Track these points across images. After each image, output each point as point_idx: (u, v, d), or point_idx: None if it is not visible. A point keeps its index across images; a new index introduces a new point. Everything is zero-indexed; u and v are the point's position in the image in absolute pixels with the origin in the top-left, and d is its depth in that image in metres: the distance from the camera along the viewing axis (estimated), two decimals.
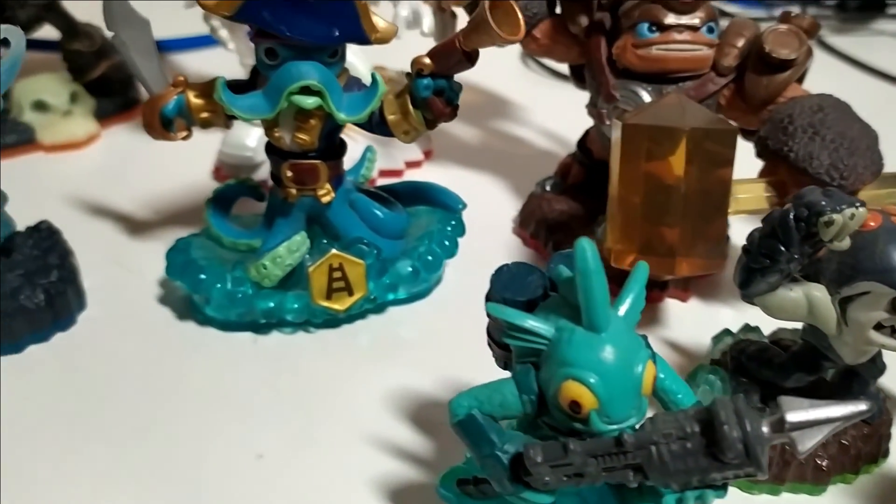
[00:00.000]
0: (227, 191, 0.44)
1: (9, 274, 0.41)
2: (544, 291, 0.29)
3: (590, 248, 0.26)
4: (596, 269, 0.26)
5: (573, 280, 0.27)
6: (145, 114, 0.41)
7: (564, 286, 0.28)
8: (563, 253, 0.30)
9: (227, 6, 0.36)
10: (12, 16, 0.54)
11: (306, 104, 0.37)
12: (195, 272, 0.41)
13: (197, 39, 0.71)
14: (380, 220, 0.43)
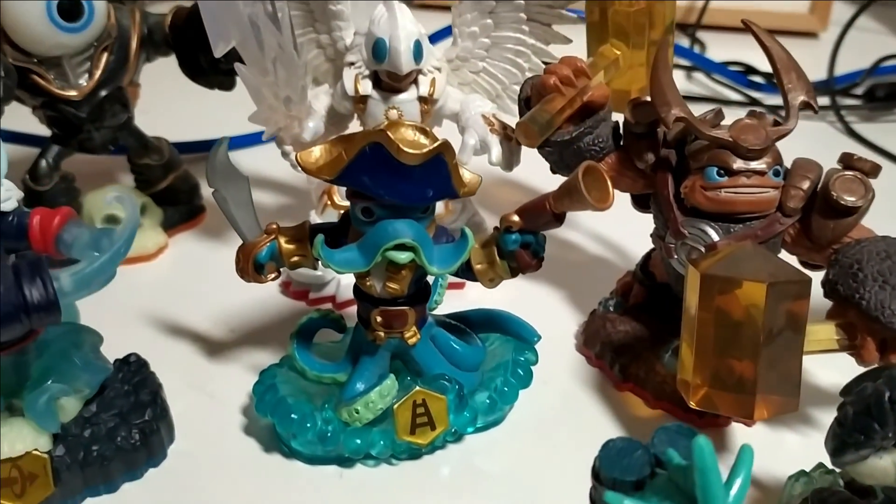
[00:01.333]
0: (311, 324, 0.46)
1: (104, 414, 0.43)
2: (650, 467, 0.31)
3: (707, 448, 0.27)
4: (713, 468, 0.27)
5: (686, 469, 0.28)
6: (240, 260, 0.43)
7: (677, 473, 0.30)
8: (667, 429, 0.32)
9: (329, 171, 0.38)
10: (88, 138, 0.56)
11: (400, 259, 0.39)
12: (285, 411, 0.43)
13: (245, 138, 0.73)
14: (458, 354, 0.45)
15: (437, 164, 0.38)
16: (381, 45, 0.49)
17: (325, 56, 0.55)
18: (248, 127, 0.74)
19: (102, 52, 0.54)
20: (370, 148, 0.37)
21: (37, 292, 0.34)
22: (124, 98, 0.56)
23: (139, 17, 0.56)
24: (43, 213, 0.37)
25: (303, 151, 0.39)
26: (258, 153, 0.73)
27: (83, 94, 0.54)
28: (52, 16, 0.50)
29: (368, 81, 0.51)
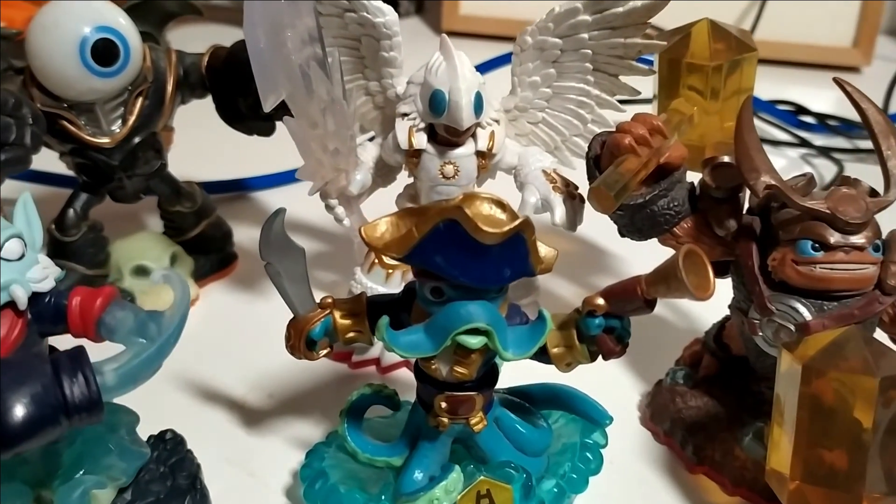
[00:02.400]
0: (362, 401, 0.42)
1: (139, 503, 0.39)
2: None
3: None
4: None
5: None
6: (291, 336, 0.39)
7: None
8: None
9: (398, 248, 0.35)
10: (120, 187, 0.52)
11: (472, 345, 0.35)
12: (338, 500, 0.39)
13: (279, 176, 0.70)
14: (524, 438, 0.41)
15: (517, 243, 0.34)
16: (440, 98, 0.45)
17: (374, 104, 0.51)
18: (277, 165, 0.71)
19: (137, 97, 0.51)
20: (444, 225, 0.34)
21: (78, 390, 0.30)
22: (158, 144, 0.53)
23: (175, 59, 0.53)
24: (84, 293, 0.34)
25: (367, 225, 0.35)
26: (289, 192, 0.70)
27: (116, 142, 0.50)
28: (86, 59, 0.47)
29: (423, 135, 0.47)
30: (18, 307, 0.32)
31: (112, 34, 0.48)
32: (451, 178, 0.48)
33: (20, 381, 0.29)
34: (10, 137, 0.45)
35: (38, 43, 0.47)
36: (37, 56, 0.48)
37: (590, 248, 0.65)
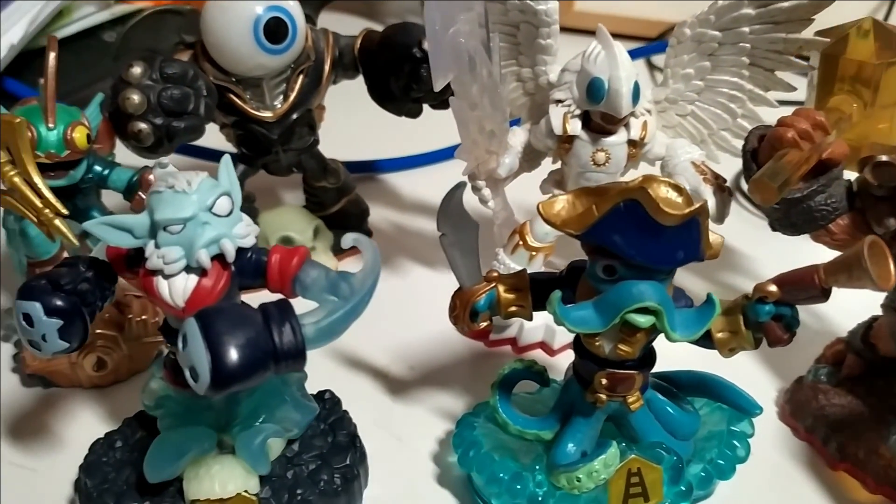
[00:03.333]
0: (513, 375, 0.43)
1: (305, 455, 0.41)
2: None
3: None
4: None
5: None
6: (455, 306, 0.41)
7: None
8: None
9: (576, 225, 0.36)
10: (275, 160, 0.55)
11: (641, 323, 0.36)
12: (493, 469, 0.41)
13: (410, 159, 0.72)
14: (675, 421, 0.42)
15: (692, 226, 0.35)
16: (599, 86, 0.46)
17: (524, 90, 0.53)
18: (407, 149, 0.73)
19: (299, 75, 0.53)
20: (625, 205, 0.35)
21: (287, 338, 0.32)
22: (312, 121, 0.55)
23: (332, 40, 0.55)
24: (282, 252, 0.36)
25: (544, 202, 0.37)
26: (418, 175, 0.72)
27: (277, 116, 0.53)
28: (258, 37, 0.50)
29: (578, 121, 0.48)
30: (227, 260, 0.34)
31: (282, 13, 0.50)
32: (602, 165, 0.49)
33: (236, 327, 0.31)
34: (188, 107, 0.48)
35: (213, 20, 0.50)
36: (211, 32, 0.50)
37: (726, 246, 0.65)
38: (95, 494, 0.39)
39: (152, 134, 0.47)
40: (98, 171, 0.46)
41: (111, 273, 0.37)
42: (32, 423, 0.47)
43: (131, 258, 0.36)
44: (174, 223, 0.33)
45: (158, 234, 0.34)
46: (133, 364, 0.50)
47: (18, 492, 0.43)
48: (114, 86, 0.48)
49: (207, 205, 0.34)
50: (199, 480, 0.38)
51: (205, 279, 0.34)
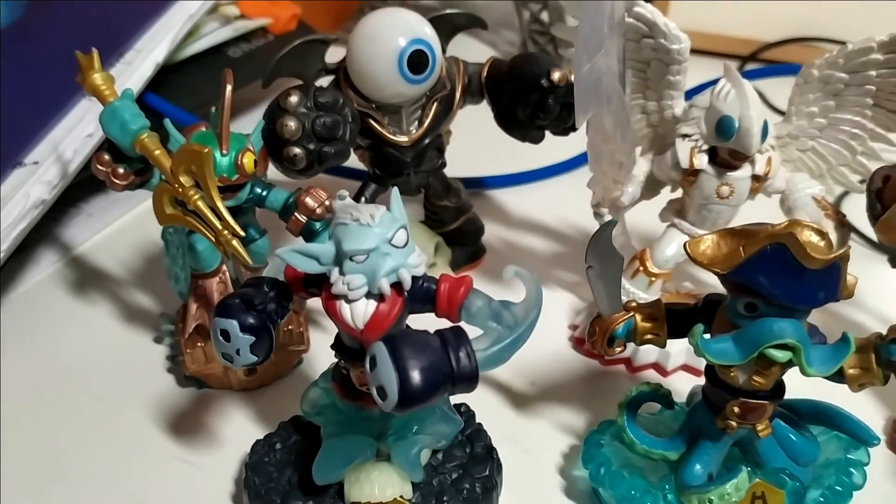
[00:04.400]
0: (640, 397, 0.46)
1: (448, 465, 0.45)
2: None
3: None
4: None
5: None
6: (595, 332, 0.44)
7: None
8: None
9: (723, 264, 0.38)
10: (406, 181, 0.58)
11: (779, 359, 0.39)
12: (625, 486, 0.44)
13: (516, 176, 0.75)
14: (796, 448, 0.44)
15: (833, 270, 0.38)
16: (729, 123, 0.49)
17: (648, 122, 0.55)
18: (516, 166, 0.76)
19: (433, 103, 0.56)
20: (772, 248, 0.37)
21: (463, 363, 0.35)
22: (442, 144, 0.59)
23: (462, 68, 0.58)
24: (450, 281, 0.39)
25: (691, 241, 0.39)
26: (523, 192, 0.74)
27: (412, 141, 0.56)
28: (402, 67, 0.53)
29: (705, 156, 0.51)
30: (403, 287, 0.38)
31: (424, 45, 0.53)
32: (726, 198, 0.51)
33: (420, 352, 0.35)
34: (338, 133, 0.52)
35: (359, 50, 0.54)
36: (357, 61, 0.54)
37: None
38: (263, 492, 0.43)
39: (305, 158, 0.51)
40: (258, 193, 0.50)
41: (289, 292, 0.41)
42: (190, 421, 0.51)
43: (308, 280, 0.40)
44: (360, 254, 0.37)
45: (344, 262, 0.37)
46: (277, 370, 0.54)
47: (182, 485, 0.48)
48: (270, 112, 0.52)
49: (388, 237, 0.37)
50: (360, 485, 0.42)
51: (382, 305, 0.38)
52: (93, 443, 0.50)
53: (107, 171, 0.47)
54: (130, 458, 0.49)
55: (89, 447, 0.50)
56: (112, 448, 0.50)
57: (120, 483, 0.47)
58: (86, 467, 0.48)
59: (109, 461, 0.49)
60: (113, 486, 0.47)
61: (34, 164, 0.55)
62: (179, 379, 0.54)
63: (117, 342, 0.57)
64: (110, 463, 0.49)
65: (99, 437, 0.50)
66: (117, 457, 0.49)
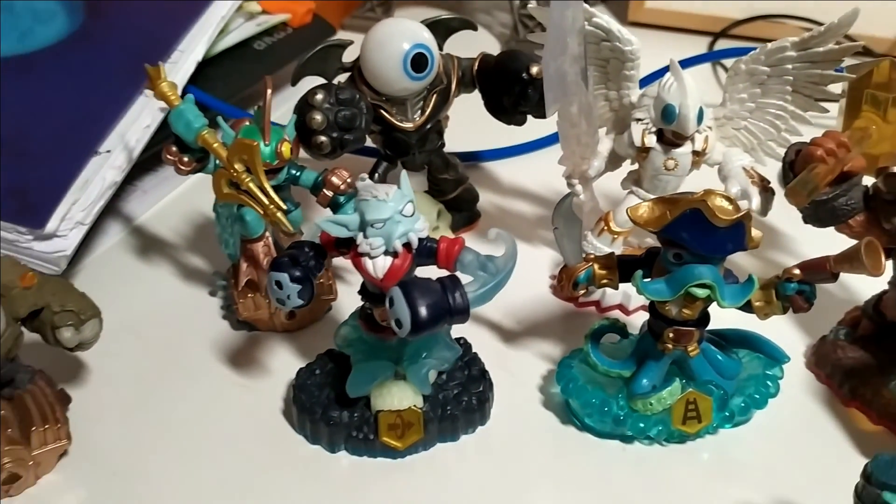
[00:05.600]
0: (602, 329, 0.58)
1: (451, 383, 0.57)
2: None
3: None
4: None
5: None
6: (562, 279, 0.56)
7: None
8: None
9: (654, 225, 0.50)
10: (411, 160, 0.70)
11: (699, 294, 0.51)
12: (587, 396, 0.56)
13: (512, 149, 0.86)
14: (722, 365, 0.57)
15: (739, 227, 0.49)
16: (671, 110, 0.60)
17: (610, 108, 0.67)
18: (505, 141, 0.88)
19: (433, 95, 0.68)
20: (690, 211, 0.49)
21: (458, 301, 0.48)
22: (441, 128, 0.70)
23: (456, 63, 0.70)
24: (447, 241, 0.51)
25: (632, 207, 0.51)
26: (515, 164, 0.86)
27: (416, 126, 0.68)
28: (406, 68, 0.64)
29: (653, 136, 0.63)
30: (412, 247, 0.50)
31: (424, 49, 0.65)
32: (672, 170, 0.63)
33: (425, 293, 0.47)
34: (356, 123, 0.63)
35: (371, 53, 0.65)
36: (369, 61, 0.65)
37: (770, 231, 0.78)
38: (308, 405, 0.56)
39: (329, 144, 0.63)
40: (293, 174, 0.62)
41: (324, 252, 0.53)
42: (243, 356, 0.64)
43: (338, 242, 0.52)
44: (378, 222, 0.49)
45: (367, 229, 0.49)
46: (312, 315, 0.66)
47: (241, 404, 0.60)
48: (300, 107, 0.63)
49: (399, 209, 0.49)
50: (383, 397, 0.54)
51: (397, 260, 0.50)
52: (167, 375, 0.62)
53: (174, 160, 0.59)
54: (198, 385, 0.62)
55: (165, 379, 0.62)
56: (183, 379, 0.62)
57: (192, 404, 0.60)
58: (163, 394, 0.61)
59: (181, 389, 0.61)
60: (186, 408, 0.60)
61: (107, 153, 0.67)
62: (233, 324, 0.66)
63: (178, 296, 0.69)
64: (182, 390, 0.61)
65: (171, 371, 0.63)
66: (187, 385, 0.62)
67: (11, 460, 0.51)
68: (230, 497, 0.54)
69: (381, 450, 0.55)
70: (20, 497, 0.53)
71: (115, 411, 0.59)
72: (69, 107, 0.69)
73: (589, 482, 0.55)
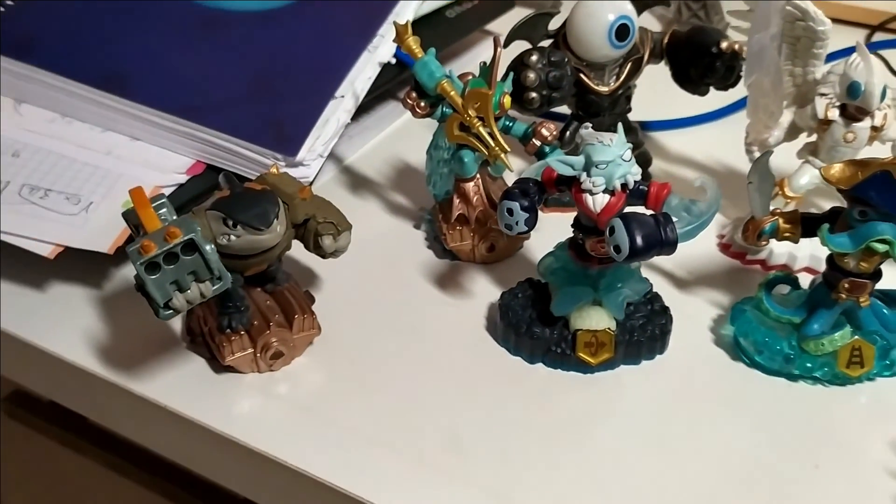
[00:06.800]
0: (775, 279, 0.66)
1: (637, 314, 0.65)
2: None
3: None
4: None
5: None
6: (748, 229, 0.63)
7: None
8: None
9: (846, 183, 0.57)
10: (600, 122, 0.78)
11: (879, 249, 0.57)
12: (760, 335, 0.64)
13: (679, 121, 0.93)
14: (886, 318, 0.63)
15: None
16: (857, 87, 0.66)
17: (794, 83, 0.73)
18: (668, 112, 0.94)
19: (628, 63, 0.76)
20: (881, 173, 0.56)
21: (669, 234, 0.56)
22: (630, 94, 0.78)
23: (649, 36, 0.77)
24: (657, 185, 0.59)
25: (825, 167, 0.58)
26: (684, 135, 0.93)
27: (610, 91, 0.76)
28: (611, 36, 0.72)
29: (836, 110, 0.69)
30: (628, 187, 0.58)
31: (627, 20, 0.73)
32: (850, 142, 0.69)
33: (642, 226, 0.55)
34: (562, 83, 0.72)
35: (580, 22, 0.73)
36: (577, 28, 0.73)
37: None
38: (514, 321, 0.65)
39: (539, 100, 0.72)
40: (507, 124, 0.71)
41: (544, 188, 0.62)
42: (449, 280, 0.74)
43: (559, 180, 0.61)
44: (602, 164, 0.57)
45: (591, 169, 0.58)
46: (507, 251, 0.75)
47: (449, 320, 0.70)
48: (515, 65, 0.72)
49: (620, 154, 0.58)
50: (582, 318, 0.63)
51: (613, 198, 0.58)
52: (386, 289, 0.72)
53: (412, 104, 0.69)
54: (412, 299, 0.72)
55: (385, 291, 0.72)
56: (399, 292, 0.72)
57: (409, 313, 0.70)
58: (384, 304, 0.71)
59: (399, 299, 0.71)
60: (405, 315, 0.70)
61: (341, 97, 0.78)
62: (437, 253, 0.76)
63: (388, 227, 0.80)
64: (399, 301, 0.71)
65: (389, 286, 0.73)
66: (403, 298, 0.72)
67: (278, 340, 0.62)
68: (441, 392, 0.64)
69: (575, 364, 0.64)
70: (279, 372, 0.64)
71: (346, 314, 0.70)
72: (312, 56, 0.80)
73: (754, 414, 0.62)
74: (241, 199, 0.57)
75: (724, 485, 0.57)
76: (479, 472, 0.58)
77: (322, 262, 0.66)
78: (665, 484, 0.57)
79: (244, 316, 0.61)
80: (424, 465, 0.58)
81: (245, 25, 0.82)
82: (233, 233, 0.56)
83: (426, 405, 0.62)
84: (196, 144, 0.75)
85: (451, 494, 0.56)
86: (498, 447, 0.59)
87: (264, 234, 0.56)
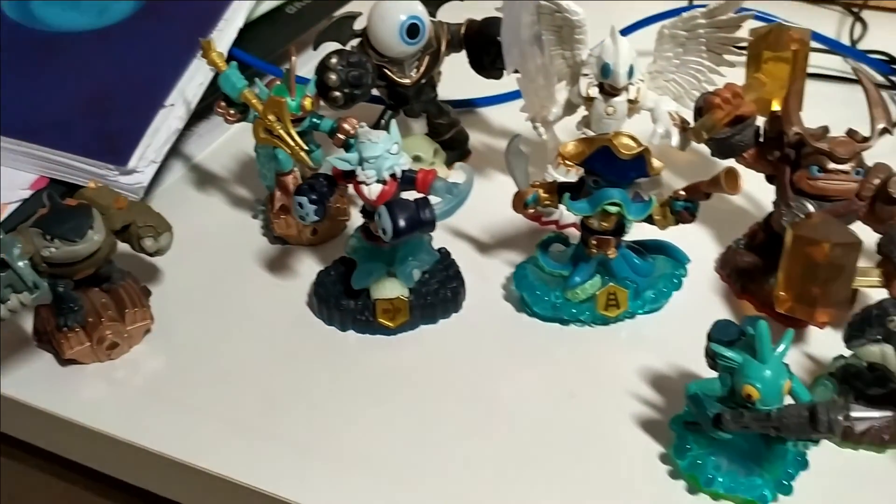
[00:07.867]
0: (549, 240, 0.76)
1: (431, 280, 0.76)
2: (738, 336, 0.59)
3: (764, 329, 0.56)
4: (766, 338, 0.56)
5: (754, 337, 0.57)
6: (515, 200, 0.73)
7: (750, 338, 0.58)
8: (749, 317, 0.60)
9: (576, 159, 0.67)
10: (410, 108, 0.88)
11: (612, 210, 0.68)
12: (533, 289, 0.74)
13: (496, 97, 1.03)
14: (637, 266, 0.74)
15: (640, 160, 0.66)
16: (607, 67, 0.76)
17: (566, 64, 0.83)
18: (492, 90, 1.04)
19: (426, 56, 0.85)
20: (602, 148, 0.66)
21: (427, 215, 0.66)
22: (434, 83, 0.88)
23: (446, 29, 0.86)
24: (423, 172, 0.69)
25: (562, 145, 0.68)
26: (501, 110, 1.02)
27: (413, 82, 0.85)
28: (402, 35, 0.81)
29: (595, 88, 0.79)
30: (396, 176, 0.68)
31: (417, 20, 0.82)
32: (611, 115, 0.79)
33: (403, 209, 0.65)
34: (363, 81, 0.81)
35: (375, 25, 0.82)
36: (374, 29, 0.82)
37: (706, 161, 0.94)
38: (325, 296, 0.75)
39: (342, 98, 0.81)
40: (314, 122, 0.80)
41: (334, 182, 0.71)
42: (279, 263, 0.83)
43: (345, 174, 0.70)
44: (371, 158, 0.67)
45: (364, 163, 0.67)
46: (331, 232, 0.85)
47: (276, 297, 0.80)
48: (319, 68, 0.81)
49: (387, 148, 0.67)
50: (378, 289, 0.73)
51: (386, 186, 0.68)
52: (222, 276, 0.82)
53: (223, 112, 0.78)
54: (245, 284, 0.81)
55: (220, 279, 0.82)
56: (233, 278, 0.82)
57: (241, 297, 0.80)
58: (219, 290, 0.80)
59: (232, 285, 0.81)
60: (237, 299, 0.80)
61: (171, 106, 0.86)
62: (270, 239, 0.86)
63: (228, 219, 0.89)
64: (233, 286, 0.81)
65: (225, 274, 0.82)
66: (236, 283, 0.81)
67: (112, 332, 0.71)
68: (271, 361, 0.74)
69: (378, 329, 0.75)
70: (118, 360, 0.74)
71: (183, 302, 0.79)
72: (140, 70, 0.88)
73: (535, 354, 0.74)
74: (57, 215, 0.66)
75: (494, 420, 0.68)
76: (288, 429, 0.68)
77: (166, 258, 0.76)
78: (460, 425, 0.68)
79: (79, 315, 0.70)
80: (243, 427, 0.68)
81: (81, 44, 0.89)
82: (52, 245, 0.65)
83: (248, 376, 0.72)
84: (37, 162, 0.82)
85: (260, 449, 0.66)
86: (307, 406, 0.70)
87: (79, 245, 0.65)
